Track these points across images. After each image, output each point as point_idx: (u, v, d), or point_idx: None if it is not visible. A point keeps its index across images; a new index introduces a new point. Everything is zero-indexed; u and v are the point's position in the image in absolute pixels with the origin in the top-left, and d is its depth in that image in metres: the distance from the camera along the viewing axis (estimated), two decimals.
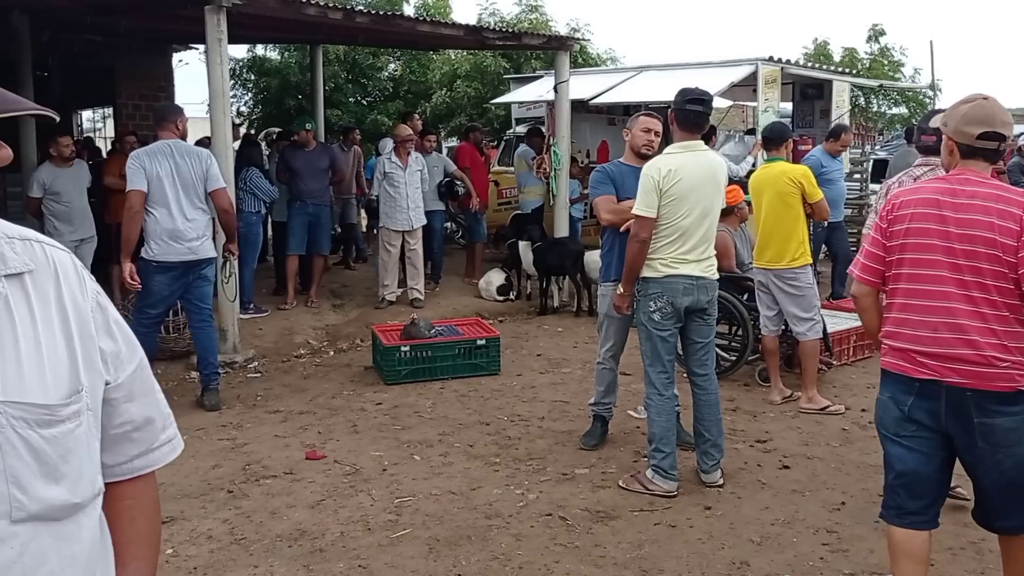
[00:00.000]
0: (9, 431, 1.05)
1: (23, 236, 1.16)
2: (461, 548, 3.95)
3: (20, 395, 1.07)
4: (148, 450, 1.30)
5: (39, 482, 1.07)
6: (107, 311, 1.23)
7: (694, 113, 4.58)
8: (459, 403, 6.19)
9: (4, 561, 1.03)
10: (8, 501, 1.04)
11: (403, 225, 8.88)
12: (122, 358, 1.23)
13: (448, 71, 16.65)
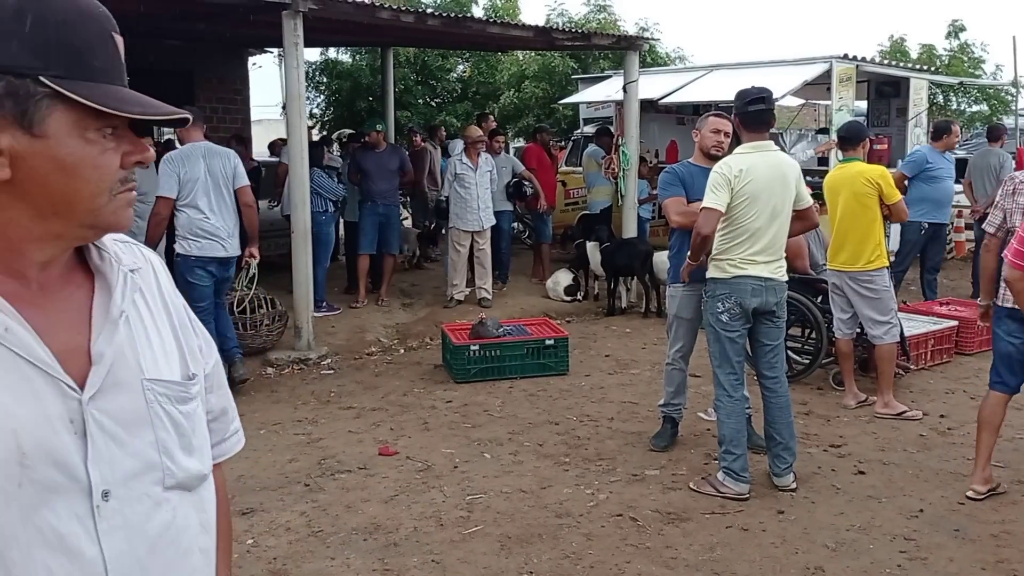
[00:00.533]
0: (156, 406, 1.13)
1: (122, 239, 1.22)
2: (532, 546, 3.98)
3: (160, 373, 1.15)
4: (222, 439, 1.35)
5: (180, 453, 1.15)
6: (187, 308, 1.29)
7: (757, 112, 4.55)
8: (528, 402, 6.23)
9: (163, 522, 1.11)
10: (161, 469, 1.12)
11: (473, 225, 8.98)
12: (204, 352, 1.29)
13: (516, 72, 16.72)
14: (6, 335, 1.01)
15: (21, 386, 1.01)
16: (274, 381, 6.77)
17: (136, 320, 1.15)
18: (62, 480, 1.03)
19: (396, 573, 3.73)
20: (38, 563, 1.00)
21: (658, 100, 11.15)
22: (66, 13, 1.01)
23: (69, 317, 1.09)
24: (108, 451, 1.06)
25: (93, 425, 1.05)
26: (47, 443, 1.02)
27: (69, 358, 1.05)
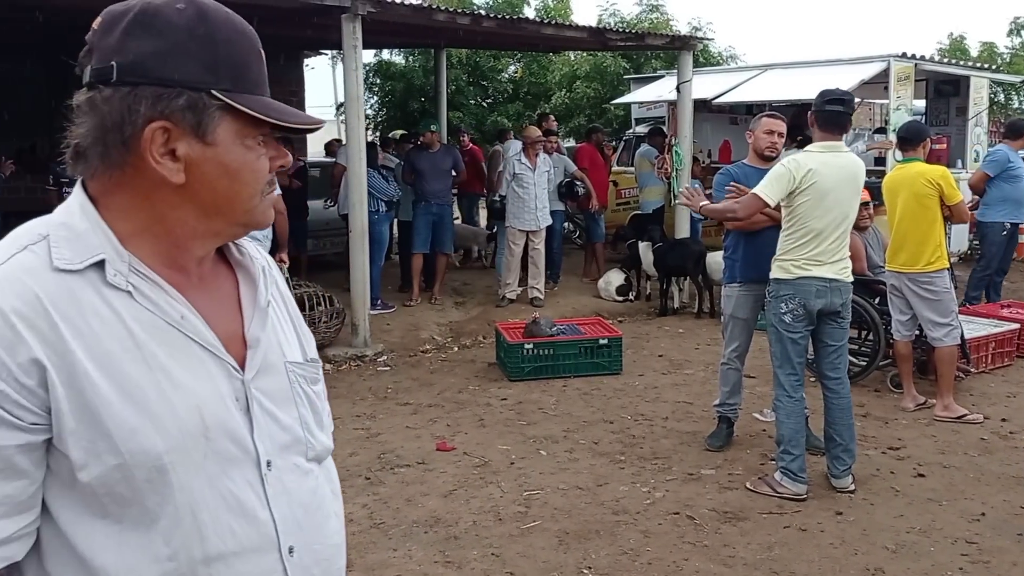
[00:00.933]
0: (297, 386, 1.24)
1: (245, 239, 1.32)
2: (590, 542, 4.03)
3: (296, 356, 1.27)
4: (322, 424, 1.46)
5: (316, 428, 1.27)
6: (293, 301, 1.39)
7: (834, 113, 4.53)
8: (582, 401, 6.27)
9: (310, 488, 1.23)
10: (304, 443, 1.24)
11: (531, 225, 9.06)
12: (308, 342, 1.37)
13: (568, 72, 16.75)
14: (182, 322, 1.12)
15: (198, 368, 1.13)
16: (332, 377, 6.90)
17: (273, 310, 1.27)
18: (236, 452, 1.15)
19: (457, 565, 3.81)
20: (223, 525, 1.12)
21: (711, 100, 11.11)
22: (229, 32, 1.11)
23: (223, 306, 1.20)
24: (267, 426, 1.19)
25: (255, 403, 1.17)
26: (223, 419, 1.14)
27: (229, 342, 1.17)
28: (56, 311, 1.05)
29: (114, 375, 1.07)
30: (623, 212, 12.19)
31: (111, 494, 1.07)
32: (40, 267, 1.07)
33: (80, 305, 1.07)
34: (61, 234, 1.10)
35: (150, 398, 1.08)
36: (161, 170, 1.08)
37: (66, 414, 1.04)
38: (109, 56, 1.07)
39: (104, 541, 1.08)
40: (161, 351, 1.10)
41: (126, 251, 1.11)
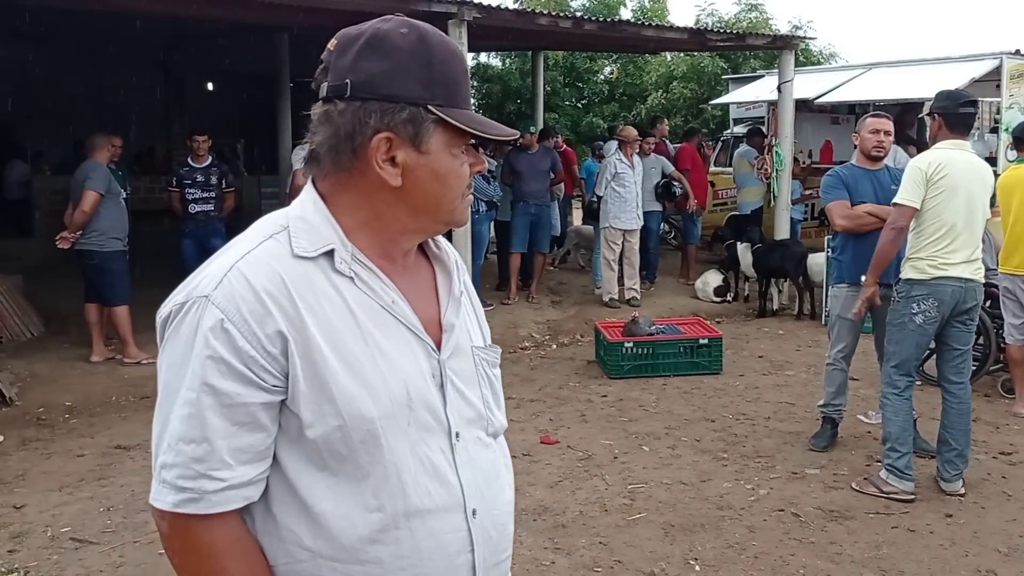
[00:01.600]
0: (480, 369, 1.40)
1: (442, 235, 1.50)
2: (696, 535, 4.11)
3: (480, 342, 1.43)
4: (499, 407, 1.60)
5: (495, 408, 1.43)
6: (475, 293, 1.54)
7: (966, 115, 4.51)
8: (682, 399, 6.33)
9: (489, 460, 1.38)
10: (486, 418, 1.39)
11: (632, 224, 9.14)
12: (486, 331, 1.53)
13: (664, 73, 16.73)
14: (393, 306, 1.29)
15: (404, 347, 1.29)
16: None
17: (463, 299, 1.42)
18: (432, 422, 1.31)
19: (566, 552, 3.94)
20: (421, 485, 1.28)
21: (813, 100, 10.97)
22: (444, 54, 1.26)
23: (423, 294, 1.36)
24: (456, 401, 1.34)
25: (447, 380, 1.33)
26: (424, 392, 1.30)
27: (427, 326, 1.32)
28: (296, 292, 1.22)
29: (339, 349, 1.23)
30: (720, 213, 12.14)
31: (331, 451, 1.24)
32: (283, 253, 1.24)
33: (314, 287, 1.24)
34: (299, 226, 1.27)
35: (367, 370, 1.24)
36: (383, 175, 1.25)
37: (300, 380, 1.21)
38: (344, 75, 1.23)
39: (324, 491, 1.25)
40: (376, 331, 1.26)
41: (349, 242, 1.27)
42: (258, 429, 1.23)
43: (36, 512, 4.39)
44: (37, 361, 6.83)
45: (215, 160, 8.00)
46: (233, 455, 1.21)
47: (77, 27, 10.22)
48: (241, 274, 1.21)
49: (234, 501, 1.23)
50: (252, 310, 1.20)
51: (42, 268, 8.76)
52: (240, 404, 1.20)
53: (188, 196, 7.75)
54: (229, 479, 1.21)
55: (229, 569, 1.24)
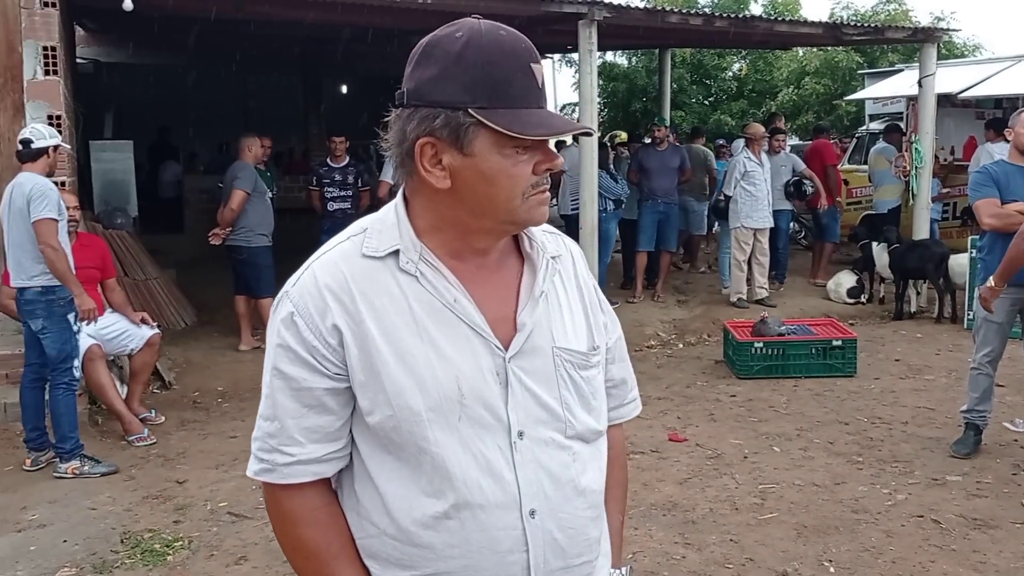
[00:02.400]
0: (562, 369, 1.37)
1: (551, 230, 1.48)
2: (830, 537, 4.06)
3: (567, 343, 1.39)
4: (621, 404, 1.58)
5: (580, 410, 1.39)
6: (598, 290, 1.52)
7: None
8: (815, 401, 6.22)
9: (563, 462, 1.36)
10: (564, 420, 1.37)
11: (763, 223, 9.01)
12: (609, 329, 1.52)
13: (796, 68, 16.31)
14: (455, 304, 1.31)
15: (463, 344, 1.31)
16: None
17: (553, 298, 1.40)
18: (489, 419, 1.31)
19: (696, 547, 3.97)
20: (472, 479, 1.30)
21: (956, 94, 10.51)
22: (492, 54, 1.25)
23: (500, 292, 1.36)
24: (524, 400, 1.33)
25: (513, 379, 1.32)
26: (479, 389, 1.30)
27: (499, 324, 1.33)
28: (357, 288, 1.30)
29: (393, 343, 1.29)
30: (854, 212, 11.77)
31: (388, 437, 1.32)
32: (353, 254, 1.33)
33: (376, 284, 1.31)
34: (376, 227, 1.35)
35: (419, 364, 1.29)
36: (429, 178, 1.28)
37: (357, 370, 1.30)
38: (405, 83, 1.29)
39: (388, 473, 1.33)
40: (433, 327, 1.30)
41: (420, 243, 1.32)
42: (326, 412, 1.33)
43: (196, 487, 4.74)
44: (191, 349, 7.32)
45: (352, 160, 8.35)
46: (303, 434, 1.32)
47: (224, 36, 10.83)
48: (312, 272, 1.32)
49: (303, 475, 1.34)
50: (316, 305, 1.30)
51: (193, 262, 9.34)
52: (306, 388, 1.31)
53: (327, 195, 8.12)
54: (298, 455, 1.33)
55: (305, 536, 1.36)
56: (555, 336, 1.37)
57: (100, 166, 9.64)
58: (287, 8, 7.47)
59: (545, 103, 1.28)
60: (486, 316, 1.32)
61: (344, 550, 1.36)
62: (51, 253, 4.63)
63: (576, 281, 1.46)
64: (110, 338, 5.59)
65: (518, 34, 1.28)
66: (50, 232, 4.63)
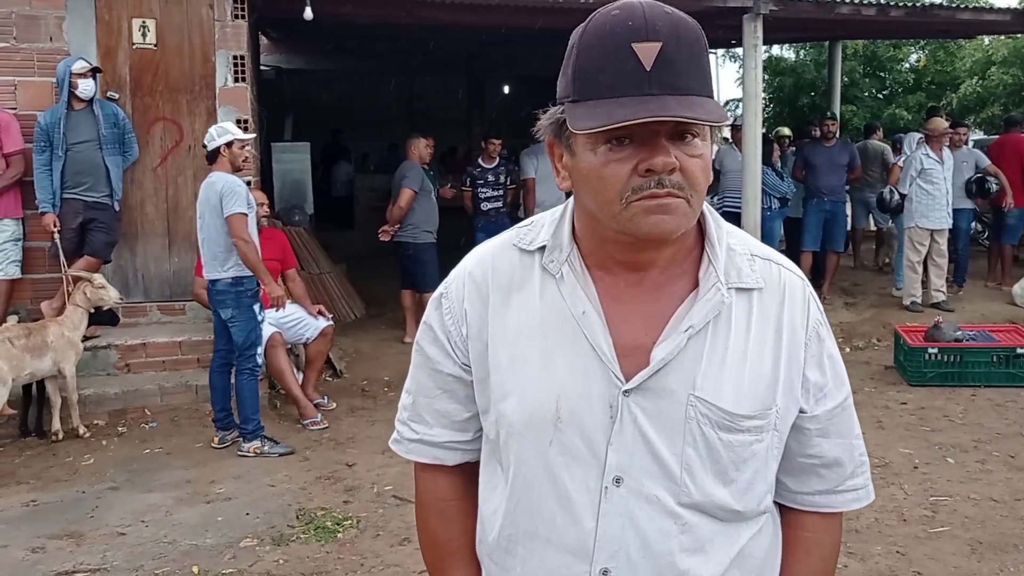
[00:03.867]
0: (694, 423, 1.14)
1: (766, 256, 1.23)
2: (1007, 555, 3.84)
3: (712, 396, 1.14)
4: (832, 490, 1.27)
5: (707, 477, 1.16)
6: (824, 344, 1.23)
7: None
8: (995, 412, 5.85)
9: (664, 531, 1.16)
10: (679, 483, 1.15)
11: (940, 223, 8.53)
12: (826, 392, 1.22)
13: (981, 58, 15.29)
14: (582, 317, 1.16)
15: (577, 362, 1.16)
16: None
17: (717, 338, 1.16)
18: (584, 452, 1.15)
19: (860, 557, 3.84)
20: (547, 510, 1.18)
21: None
22: (590, 39, 1.08)
23: (648, 318, 1.16)
24: (633, 444, 1.14)
25: (627, 415, 1.14)
26: (580, 415, 1.15)
27: (631, 352, 1.15)
28: (496, 281, 1.22)
29: (512, 344, 1.19)
30: None
31: (495, 443, 1.25)
32: (507, 244, 1.25)
33: (516, 279, 1.22)
34: (541, 220, 1.26)
35: (527, 372, 1.18)
36: (557, 178, 1.19)
37: (476, 364, 1.24)
38: None
39: (491, 481, 1.27)
40: (555, 336, 1.17)
41: (573, 244, 1.20)
42: (454, 399, 1.28)
43: (364, 470, 5.00)
44: (360, 340, 7.70)
45: (502, 160, 8.52)
46: (432, 415, 1.29)
47: (392, 41, 11.29)
48: (468, 259, 1.28)
49: (424, 455, 1.31)
50: (458, 291, 1.26)
51: (363, 258, 9.80)
52: (439, 371, 1.27)
53: (480, 195, 8.30)
54: (422, 434, 1.30)
55: (429, 521, 1.34)
56: (698, 383, 1.14)
57: (280, 166, 10.27)
58: (452, 12, 7.72)
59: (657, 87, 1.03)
60: (618, 340, 1.15)
61: (461, 550, 1.31)
62: (243, 245, 5.01)
63: (777, 324, 1.19)
64: (289, 327, 5.97)
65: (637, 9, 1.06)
66: (241, 225, 5.00)
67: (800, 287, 1.23)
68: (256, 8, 7.28)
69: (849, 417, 1.27)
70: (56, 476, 4.99)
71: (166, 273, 6.74)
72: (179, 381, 6.06)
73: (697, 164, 1.09)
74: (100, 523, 4.33)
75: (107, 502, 4.60)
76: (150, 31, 6.47)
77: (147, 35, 6.47)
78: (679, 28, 1.06)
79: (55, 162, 5.96)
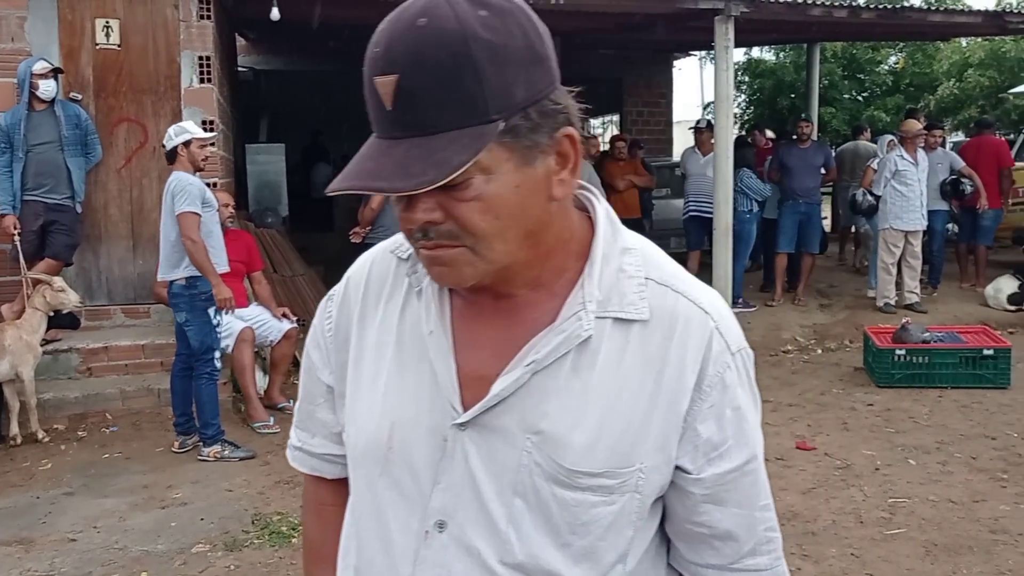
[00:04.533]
0: (527, 472, 0.97)
1: (664, 281, 1.02)
2: (961, 557, 3.83)
3: (553, 443, 0.97)
4: (727, 567, 1.06)
5: (536, 535, 0.98)
6: (729, 392, 1.01)
7: None
8: (960, 413, 5.86)
9: None
10: (503, 538, 0.98)
11: (915, 225, 8.54)
12: (722, 452, 1.01)
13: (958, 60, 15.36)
14: (429, 338, 1.02)
15: (419, 388, 1.02)
16: None
17: (572, 375, 0.98)
18: (411, 489, 1.01)
19: (814, 560, 3.83)
20: (369, 548, 1.06)
21: None
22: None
23: (500, 345, 1.00)
24: (461, 486, 0.99)
25: (459, 452, 0.99)
26: (411, 447, 1.01)
27: (476, 383, 0.99)
28: (368, 287, 1.10)
29: (365, 361, 1.08)
30: (1021, 213, 10.97)
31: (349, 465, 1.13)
32: (388, 248, 1.12)
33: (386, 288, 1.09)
34: None
35: (369, 395, 1.06)
36: None
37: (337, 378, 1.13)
38: None
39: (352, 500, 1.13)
40: (405, 357, 1.04)
41: None
42: (329, 410, 1.16)
43: None
44: None
45: None
46: (314, 424, 1.18)
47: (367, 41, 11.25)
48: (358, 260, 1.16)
49: (303, 465, 1.21)
50: (340, 292, 1.15)
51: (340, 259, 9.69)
52: (319, 378, 1.16)
53: None
54: (303, 442, 1.20)
55: (307, 523, 1.28)
56: (541, 426, 0.97)
57: (255, 168, 10.21)
58: None
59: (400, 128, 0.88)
60: (463, 366, 1.00)
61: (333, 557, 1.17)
62: (190, 245, 4.95)
63: (659, 364, 0.99)
64: (253, 328, 5.93)
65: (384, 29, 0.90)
66: (190, 225, 4.95)
67: (701, 321, 1.01)
68: (226, 9, 7.24)
69: (752, 484, 1.04)
70: (11, 481, 4.94)
71: (130, 276, 6.69)
72: (141, 385, 6.00)
73: (472, 209, 0.90)
74: (52, 529, 4.28)
75: (61, 507, 4.55)
76: (114, 31, 6.42)
77: (111, 35, 6.42)
78: (424, 49, 0.86)
79: (15, 164, 5.91)
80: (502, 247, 0.93)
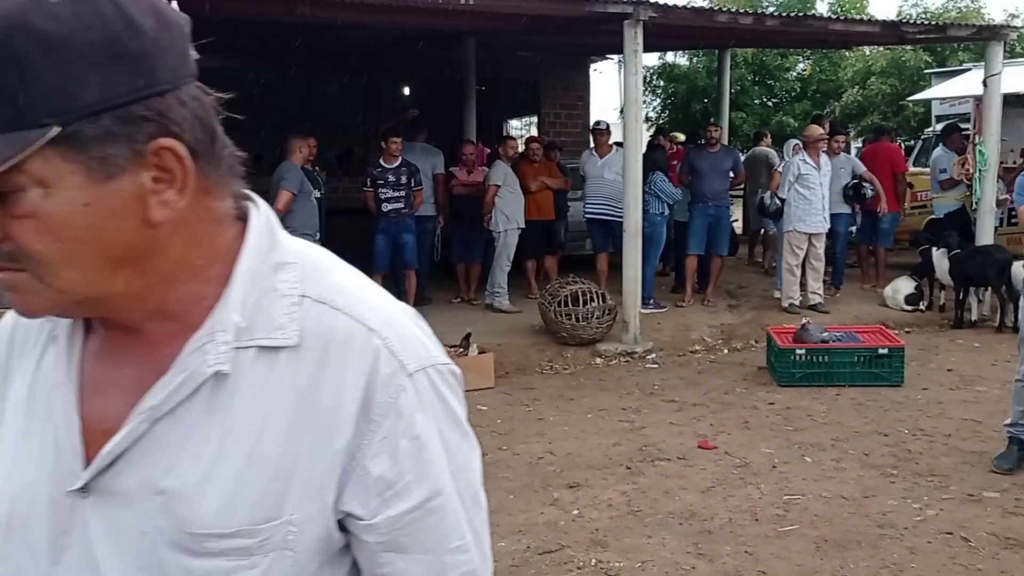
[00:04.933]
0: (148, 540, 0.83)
1: (323, 298, 0.87)
2: (849, 551, 3.94)
3: (182, 503, 0.82)
4: None
5: None
6: (404, 420, 0.84)
7: None
8: (855, 411, 6.04)
9: None
10: None
11: (817, 227, 8.77)
12: (398, 490, 0.84)
13: (861, 68, 15.90)
14: (53, 391, 0.88)
15: (42, 451, 0.87)
16: (602, 370, 7.18)
17: (206, 419, 0.83)
18: (31, 572, 0.86)
19: (709, 558, 3.89)
20: None
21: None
22: None
23: (129, 390, 0.85)
24: (81, 566, 0.85)
25: (79, 526, 0.84)
26: (30, 522, 0.86)
27: (100, 437, 0.84)
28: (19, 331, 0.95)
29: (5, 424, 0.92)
30: (919, 216, 11.39)
31: None
32: None
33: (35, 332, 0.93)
34: None
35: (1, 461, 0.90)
36: None
37: None
38: None
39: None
40: (33, 415, 0.89)
41: None
42: None
43: None
44: None
45: (405, 160, 8.38)
46: None
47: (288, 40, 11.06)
48: None
49: None
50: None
51: None
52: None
53: (381, 195, 8.18)
54: None
55: None
56: (166, 484, 0.82)
57: None
58: (334, 11, 7.58)
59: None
60: (89, 419, 0.85)
61: None
62: None
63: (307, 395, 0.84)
64: None
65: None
66: None
67: (363, 341, 0.84)
68: None
69: (436, 524, 0.86)
70: None
71: None
72: None
73: (26, 228, 0.76)
74: None
75: None
76: None
77: None
78: None
79: None
80: (71, 275, 0.78)
